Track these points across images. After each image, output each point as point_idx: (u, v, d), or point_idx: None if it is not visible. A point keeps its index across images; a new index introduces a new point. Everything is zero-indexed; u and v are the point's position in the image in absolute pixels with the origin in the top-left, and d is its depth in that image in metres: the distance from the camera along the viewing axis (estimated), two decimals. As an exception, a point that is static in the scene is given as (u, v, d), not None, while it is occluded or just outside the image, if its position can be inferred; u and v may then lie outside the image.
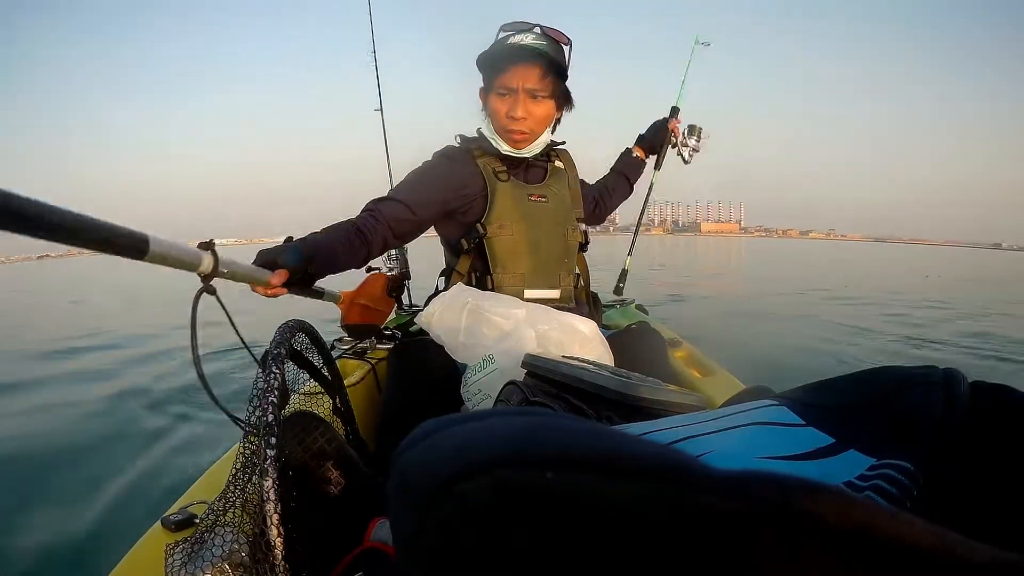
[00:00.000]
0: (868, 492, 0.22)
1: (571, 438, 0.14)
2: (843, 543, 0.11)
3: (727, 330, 3.79)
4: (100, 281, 10.30)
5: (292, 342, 0.46)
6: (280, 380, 0.40)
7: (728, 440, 0.30)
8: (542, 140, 1.11)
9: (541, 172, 1.18)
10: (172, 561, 0.37)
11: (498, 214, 1.09)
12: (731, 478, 0.13)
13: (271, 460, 0.36)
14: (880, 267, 13.97)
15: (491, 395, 0.77)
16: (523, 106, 1.04)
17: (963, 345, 3.53)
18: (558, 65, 1.02)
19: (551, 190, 1.15)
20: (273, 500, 0.35)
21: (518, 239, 1.09)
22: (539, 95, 1.04)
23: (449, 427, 0.16)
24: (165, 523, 0.52)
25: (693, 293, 6.25)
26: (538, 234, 1.11)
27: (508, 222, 1.09)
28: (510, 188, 1.10)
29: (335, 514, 0.52)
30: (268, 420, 0.37)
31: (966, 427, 0.23)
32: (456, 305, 0.89)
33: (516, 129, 1.06)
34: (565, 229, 1.15)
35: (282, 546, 0.34)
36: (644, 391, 0.53)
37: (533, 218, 1.11)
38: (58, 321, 5.21)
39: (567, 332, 0.83)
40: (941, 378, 0.25)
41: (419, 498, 0.14)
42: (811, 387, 0.31)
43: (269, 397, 0.38)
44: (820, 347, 3.40)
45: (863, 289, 6.83)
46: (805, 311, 5.03)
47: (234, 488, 0.40)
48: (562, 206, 1.16)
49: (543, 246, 1.11)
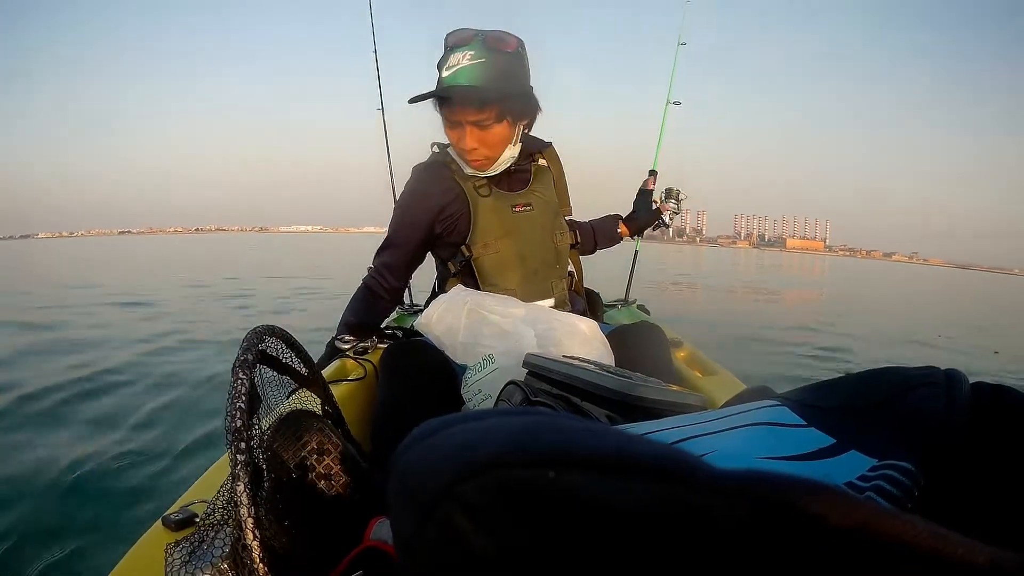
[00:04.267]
0: (869, 493, 0.22)
1: (572, 438, 0.14)
2: (844, 543, 0.11)
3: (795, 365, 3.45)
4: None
5: (262, 347, 0.46)
6: (248, 385, 0.40)
7: (729, 440, 0.30)
8: (506, 157, 1.06)
9: (525, 176, 1.13)
10: (172, 561, 0.37)
11: (481, 232, 1.08)
12: (733, 478, 0.13)
13: (241, 464, 0.36)
14: (967, 304, 12.36)
15: (491, 395, 0.77)
16: (470, 138, 1.00)
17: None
18: (498, 89, 0.95)
19: (535, 195, 1.12)
20: (247, 504, 0.35)
21: (504, 255, 1.08)
22: (484, 124, 0.98)
23: (450, 427, 0.16)
24: (165, 523, 0.52)
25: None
26: (525, 247, 1.09)
27: (492, 239, 1.08)
28: (492, 202, 1.08)
29: (335, 513, 0.52)
30: (236, 425, 0.38)
31: (967, 428, 0.23)
32: (455, 306, 0.89)
33: (471, 158, 1.04)
34: (553, 234, 1.12)
35: (259, 549, 0.35)
36: (645, 391, 0.53)
37: (519, 231, 1.09)
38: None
39: (567, 332, 0.83)
40: (942, 379, 0.25)
41: (420, 498, 0.14)
42: (812, 388, 0.31)
43: (236, 403, 0.39)
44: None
45: (955, 342, 5.41)
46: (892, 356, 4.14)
47: (233, 488, 0.40)
48: (547, 211, 1.12)
49: (531, 258, 1.09)
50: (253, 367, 0.43)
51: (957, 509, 0.22)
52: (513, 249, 1.08)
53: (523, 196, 1.11)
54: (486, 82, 0.94)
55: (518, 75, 0.99)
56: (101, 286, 6.75)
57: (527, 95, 1.02)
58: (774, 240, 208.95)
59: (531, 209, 1.11)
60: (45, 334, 3.79)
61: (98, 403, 2.39)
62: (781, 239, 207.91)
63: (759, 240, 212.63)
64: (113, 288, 6.73)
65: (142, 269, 11.76)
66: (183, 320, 4.39)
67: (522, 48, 1.00)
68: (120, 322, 4.38)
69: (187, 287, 7.01)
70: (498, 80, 0.95)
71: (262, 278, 8.59)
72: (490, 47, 0.95)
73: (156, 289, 6.77)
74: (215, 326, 4.15)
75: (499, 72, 0.95)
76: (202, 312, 4.95)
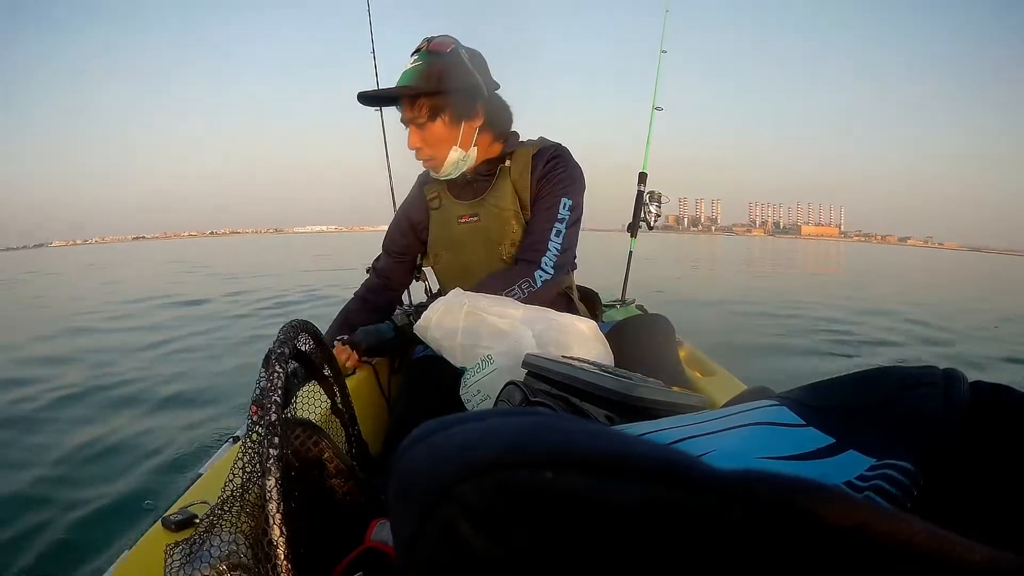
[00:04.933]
0: (868, 492, 0.22)
1: (571, 438, 0.14)
2: (843, 543, 0.11)
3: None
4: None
5: (295, 341, 0.46)
6: (283, 379, 0.40)
7: (728, 440, 0.30)
8: (453, 159, 1.04)
9: (484, 185, 1.10)
10: (172, 561, 0.37)
11: (432, 243, 1.16)
12: (731, 478, 0.13)
13: (274, 459, 0.36)
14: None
15: (491, 395, 0.77)
16: (413, 137, 1.04)
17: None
18: (431, 86, 0.98)
19: (486, 205, 1.09)
20: (276, 500, 0.35)
21: (449, 266, 1.14)
22: (419, 121, 1.02)
23: (449, 428, 0.16)
24: (165, 523, 0.52)
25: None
26: (468, 258, 1.11)
27: (441, 250, 1.15)
28: (439, 214, 1.13)
29: (334, 516, 0.52)
30: (271, 419, 0.37)
31: (966, 427, 0.23)
32: (454, 308, 0.89)
33: (418, 159, 1.07)
34: (501, 246, 1.08)
35: (284, 546, 0.34)
36: (645, 391, 0.53)
37: (461, 243, 1.12)
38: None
39: (566, 332, 0.83)
40: (941, 378, 0.25)
41: (419, 499, 0.14)
42: (811, 387, 0.31)
43: (272, 396, 0.38)
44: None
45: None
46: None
47: (234, 488, 0.40)
48: (495, 221, 1.08)
49: (476, 268, 1.09)
50: (288, 361, 0.42)
51: (956, 509, 0.22)
52: (457, 260, 1.13)
53: (472, 206, 1.10)
54: (416, 81, 1.00)
55: (453, 74, 1.01)
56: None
57: (464, 92, 1.02)
58: (789, 227, 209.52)
59: (477, 220, 1.10)
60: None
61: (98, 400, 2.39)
62: (796, 226, 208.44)
63: (774, 227, 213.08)
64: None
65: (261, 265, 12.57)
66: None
67: (460, 48, 1.03)
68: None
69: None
70: (429, 79, 0.99)
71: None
72: (430, 51, 1.01)
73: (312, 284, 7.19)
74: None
75: (432, 72, 0.99)
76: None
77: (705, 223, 29.93)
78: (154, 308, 5.65)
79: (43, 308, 6.47)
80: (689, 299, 6.06)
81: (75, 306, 6.24)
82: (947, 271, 17.45)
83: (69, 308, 6.10)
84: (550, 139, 1.14)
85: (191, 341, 3.64)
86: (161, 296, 6.52)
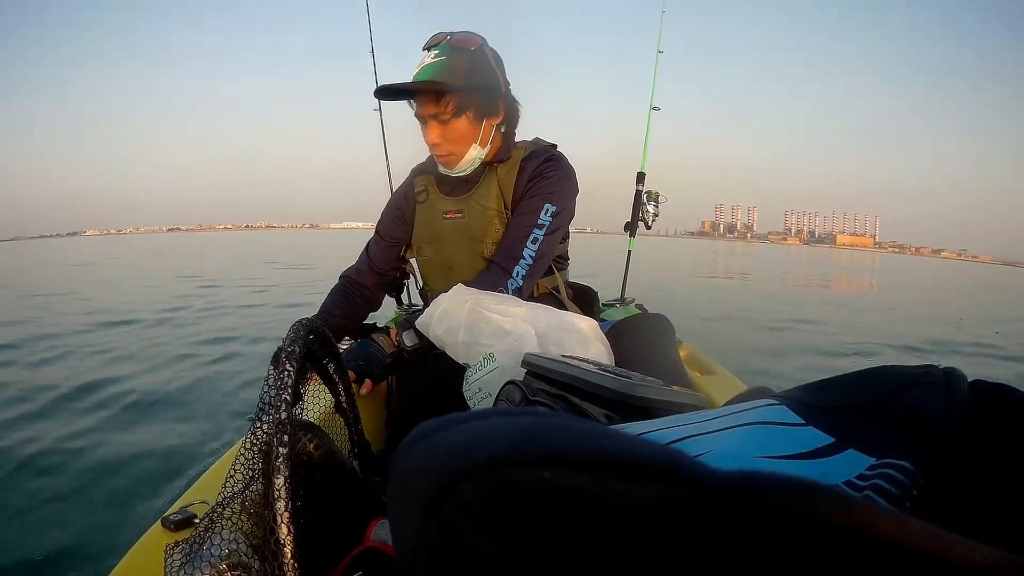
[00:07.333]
0: (867, 492, 0.22)
1: (570, 438, 0.14)
2: (842, 543, 0.11)
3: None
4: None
5: (305, 340, 0.46)
6: (293, 378, 0.40)
7: (727, 440, 0.30)
8: (472, 155, 1.05)
9: (472, 182, 1.10)
10: (171, 561, 0.37)
11: (416, 236, 1.17)
12: (730, 478, 0.13)
13: (283, 458, 0.36)
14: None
15: (491, 394, 0.77)
16: (433, 132, 1.02)
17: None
18: (459, 82, 0.97)
19: (471, 203, 1.09)
20: (284, 499, 0.35)
21: (432, 261, 1.15)
22: (443, 118, 1.00)
23: (448, 427, 0.16)
24: (165, 523, 0.52)
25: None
26: (451, 253, 1.12)
27: (424, 244, 1.16)
28: (425, 209, 1.14)
29: (334, 515, 0.52)
30: (281, 418, 0.37)
31: (966, 427, 0.23)
32: (456, 305, 0.89)
33: (436, 154, 1.06)
34: (483, 244, 1.08)
35: (292, 544, 0.34)
36: (644, 391, 0.53)
37: (444, 238, 1.12)
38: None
39: (568, 330, 0.83)
40: (941, 377, 0.25)
41: (419, 498, 0.14)
42: (811, 387, 0.31)
43: (283, 395, 0.38)
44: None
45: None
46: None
47: (234, 488, 0.40)
48: (479, 219, 1.08)
49: (458, 264, 1.10)
50: (298, 359, 0.42)
51: (956, 508, 0.22)
52: (439, 256, 1.14)
53: (458, 202, 1.10)
54: (444, 77, 0.97)
55: (479, 71, 1.00)
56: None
57: (489, 90, 1.02)
58: (824, 236, 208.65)
59: (462, 216, 1.10)
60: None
61: (99, 400, 2.39)
62: (831, 235, 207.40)
63: (809, 236, 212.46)
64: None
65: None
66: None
67: (486, 47, 1.02)
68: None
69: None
70: (456, 75, 0.97)
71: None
72: (453, 46, 0.99)
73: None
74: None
75: (458, 68, 0.98)
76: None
77: (741, 230, 29.98)
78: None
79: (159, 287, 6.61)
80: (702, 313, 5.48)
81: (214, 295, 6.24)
82: (991, 286, 16.20)
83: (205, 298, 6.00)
84: (545, 140, 1.15)
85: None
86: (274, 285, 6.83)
